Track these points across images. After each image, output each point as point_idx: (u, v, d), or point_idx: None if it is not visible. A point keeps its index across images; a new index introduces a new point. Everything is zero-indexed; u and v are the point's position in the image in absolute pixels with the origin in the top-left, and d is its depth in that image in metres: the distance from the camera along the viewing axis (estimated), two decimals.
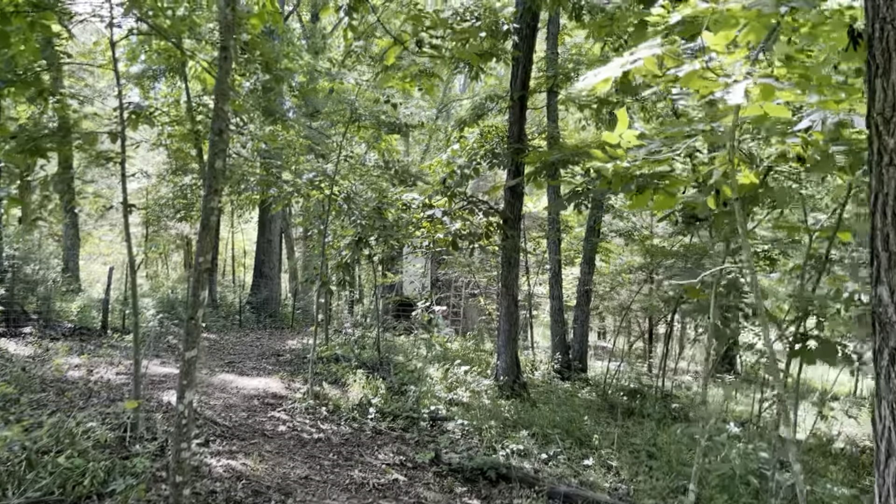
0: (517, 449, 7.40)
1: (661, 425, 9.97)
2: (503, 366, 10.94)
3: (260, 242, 21.39)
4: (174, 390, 8.04)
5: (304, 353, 12.46)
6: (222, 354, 12.02)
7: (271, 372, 10.45)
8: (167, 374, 9.17)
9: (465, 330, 20.71)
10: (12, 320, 10.51)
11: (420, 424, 8.08)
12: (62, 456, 4.60)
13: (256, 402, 8.14)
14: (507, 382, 10.79)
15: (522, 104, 10.54)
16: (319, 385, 9.42)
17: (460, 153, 10.73)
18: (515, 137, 10.43)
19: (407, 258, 20.47)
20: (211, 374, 9.70)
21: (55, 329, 11.00)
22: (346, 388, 9.62)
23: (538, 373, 14.19)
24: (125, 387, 7.69)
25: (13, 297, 10.84)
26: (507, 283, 10.95)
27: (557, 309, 15.10)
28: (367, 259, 11.39)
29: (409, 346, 14.40)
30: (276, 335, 16.51)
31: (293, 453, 6.31)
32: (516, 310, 11.19)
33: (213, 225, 3.71)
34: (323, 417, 7.89)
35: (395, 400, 9.06)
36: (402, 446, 7.14)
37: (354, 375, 10.04)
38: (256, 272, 21.25)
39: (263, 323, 18.47)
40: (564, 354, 14.86)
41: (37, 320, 11.12)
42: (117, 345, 11.19)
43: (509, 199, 10.71)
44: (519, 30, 10.18)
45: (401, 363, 12.10)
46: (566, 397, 11.23)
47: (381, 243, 10.38)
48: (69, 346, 9.92)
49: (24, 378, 7.08)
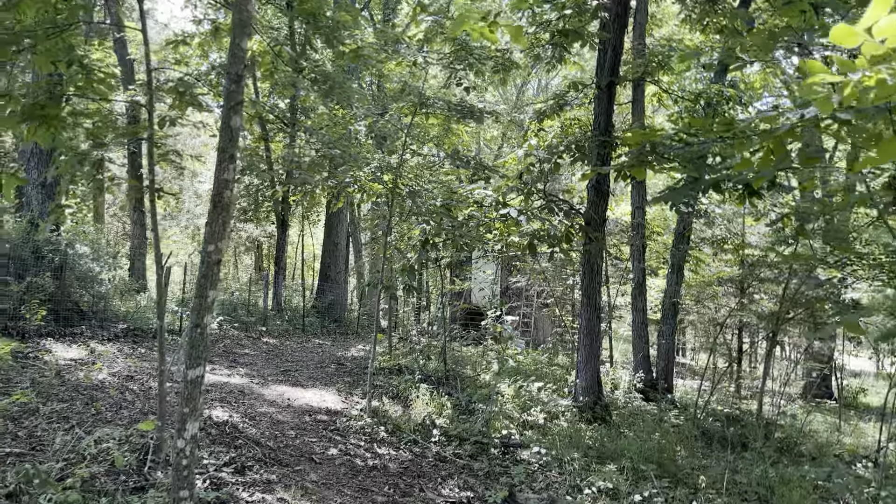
0: (604, 487, 6.28)
1: (764, 459, 8.61)
2: (583, 385, 9.79)
3: (326, 245, 20.84)
4: (219, 403, 7.27)
5: (367, 362, 11.63)
6: (280, 362, 11.29)
7: (329, 383, 9.62)
8: (215, 382, 8.44)
9: (536, 342, 19.53)
10: (63, 319, 10.04)
11: (490, 451, 7.05)
12: (58, 487, 3.79)
13: (308, 419, 7.28)
14: (587, 403, 9.63)
15: (611, 92, 9.40)
16: (379, 400, 8.52)
17: (538, 148, 9.67)
18: (602, 129, 9.30)
19: (476, 263, 19.44)
20: (263, 384, 8.93)
21: (108, 330, 10.50)
22: (409, 404, 8.69)
23: (618, 392, 12.91)
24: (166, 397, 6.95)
25: (66, 295, 10.39)
26: (589, 293, 9.80)
27: (640, 322, 13.77)
28: (434, 263, 10.46)
29: (478, 357, 13.38)
30: (340, 341, 15.79)
31: (342, 485, 5.38)
32: (598, 323, 10.03)
33: (227, 202, 2.82)
34: (381, 439, 6.95)
35: (463, 420, 8.06)
36: (469, 478, 6.12)
37: (418, 390, 9.10)
38: (322, 276, 20.69)
39: (328, 328, 17.82)
40: (647, 372, 13.54)
41: (90, 320, 10.65)
42: (171, 347, 10.60)
43: (593, 199, 9.58)
44: (609, 7, 9.08)
45: (469, 377, 11.12)
46: (654, 423, 9.98)
47: (448, 246, 9.42)
48: (118, 349, 9.35)
49: (55, 384, 6.42)
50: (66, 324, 10.14)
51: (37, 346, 8.58)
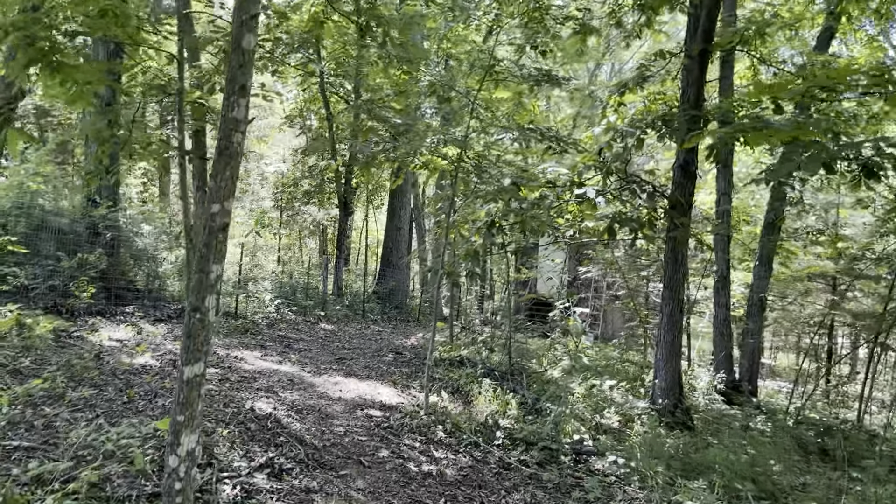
0: None
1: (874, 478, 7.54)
2: (662, 385, 8.88)
3: (389, 230, 20.29)
4: (264, 393, 6.72)
5: (427, 351, 10.99)
6: (336, 348, 10.75)
7: (385, 373, 9.00)
8: (263, 370, 7.92)
9: (605, 337, 18.52)
10: (115, 297, 9.74)
11: (560, 459, 6.27)
12: (57, 495, 3.23)
13: (360, 413, 6.65)
14: (666, 407, 8.72)
15: (703, 62, 8.40)
16: (438, 394, 7.84)
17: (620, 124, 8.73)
18: (692, 102, 8.32)
19: (546, 250, 18.47)
20: (315, 372, 8.35)
21: (161, 310, 10.16)
22: (470, 400, 7.98)
23: (697, 393, 11.88)
24: (209, 383, 6.45)
25: (119, 273, 10.10)
26: (672, 285, 8.87)
27: (723, 319, 12.66)
28: (500, 249, 9.69)
29: (544, 351, 12.55)
30: (400, 329, 15.22)
31: (392, 494, 4.71)
32: (681, 318, 9.09)
33: (236, 148, 2.15)
34: (438, 440, 6.26)
35: (529, 421, 7.30)
36: (536, 491, 5.37)
37: (480, 385, 8.38)
38: (384, 261, 20.17)
39: (388, 314, 17.29)
40: (729, 373, 12.44)
41: (143, 299, 10.34)
42: (225, 331, 10.19)
43: (679, 180, 8.62)
44: None
45: (535, 372, 10.33)
46: (741, 431, 8.99)
47: (516, 230, 8.62)
48: (168, 330, 8.96)
49: (90, 367, 5.97)
50: (119, 302, 9.85)
51: (85, 324, 8.25)
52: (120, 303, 9.91)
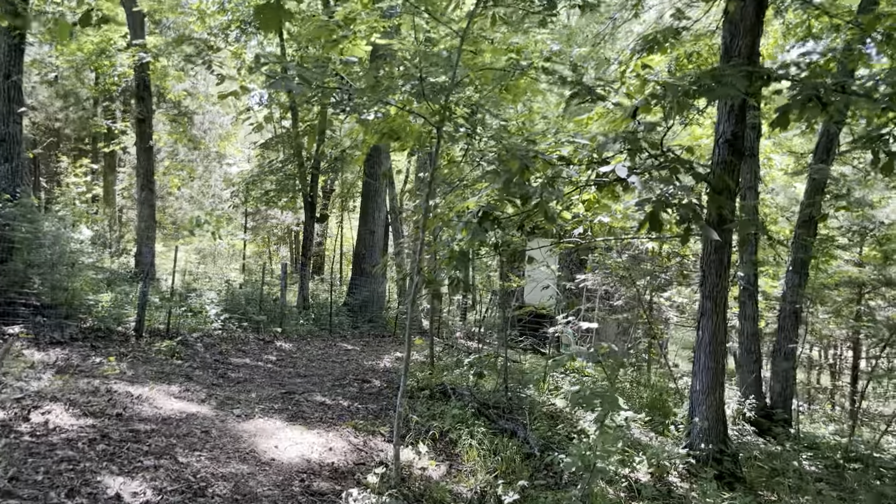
0: None
1: None
2: (704, 425, 6.87)
3: (361, 234, 17.96)
4: (152, 458, 4.54)
5: (399, 391, 8.87)
6: (285, 377, 8.57)
7: (344, 414, 6.85)
8: (172, 415, 5.72)
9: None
10: (8, 314, 7.56)
11: None
12: None
13: (295, 488, 4.51)
14: (709, 452, 6.71)
15: (760, 5, 6.44)
16: (414, 447, 5.73)
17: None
18: (744, 57, 6.37)
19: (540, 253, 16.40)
20: (246, 416, 6.14)
21: (63, 329, 7.96)
22: (458, 453, 5.89)
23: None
24: (72, 446, 4.29)
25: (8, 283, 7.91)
26: (715, 296, 6.89)
27: (751, 334, 10.64)
28: (494, 250, 7.65)
29: (540, 373, 10.46)
30: (372, 346, 13.07)
31: None
32: (725, 337, 7.10)
33: None
34: None
35: (541, 487, 5.23)
36: None
37: (470, 429, 6.30)
38: (356, 269, 17.88)
39: (360, 329, 15.13)
40: (759, 398, 10.47)
41: (39, 315, 8.13)
42: (144, 356, 8.02)
43: (725, 159, 6.69)
44: None
45: (534, 401, 8.28)
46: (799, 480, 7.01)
47: (514, 225, 6.55)
48: (63, 356, 6.78)
49: None
50: (5, 321, 7.65)
51: None
52: (8, 321, 7.72)
